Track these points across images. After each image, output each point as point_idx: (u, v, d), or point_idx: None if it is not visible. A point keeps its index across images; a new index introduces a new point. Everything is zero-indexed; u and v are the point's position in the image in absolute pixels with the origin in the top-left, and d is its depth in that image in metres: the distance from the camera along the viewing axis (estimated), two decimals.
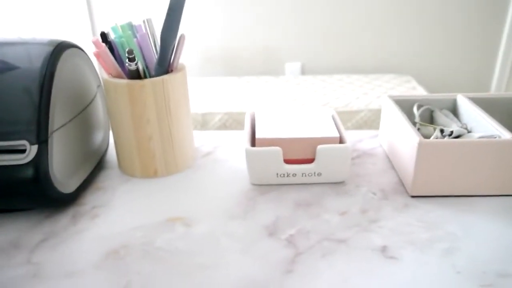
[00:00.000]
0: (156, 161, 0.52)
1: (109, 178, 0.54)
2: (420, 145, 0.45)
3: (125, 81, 0.49)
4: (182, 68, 0.53)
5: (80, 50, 0.53)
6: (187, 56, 2.23)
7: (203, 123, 1.69)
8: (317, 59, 2.20)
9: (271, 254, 0.39)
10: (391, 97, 0.58)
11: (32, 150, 0.42)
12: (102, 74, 0.52)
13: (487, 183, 0.47)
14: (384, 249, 0.40)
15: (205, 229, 0.43)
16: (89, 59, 0.55)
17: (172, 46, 0.50)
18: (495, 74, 2.16)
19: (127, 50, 0.48)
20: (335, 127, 0.52)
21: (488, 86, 2.19)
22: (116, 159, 0.57)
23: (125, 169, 0.54)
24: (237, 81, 2.06)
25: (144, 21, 0.52)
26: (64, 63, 0.48)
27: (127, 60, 0.48)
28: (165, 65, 0.51)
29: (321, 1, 2.07)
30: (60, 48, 0.48)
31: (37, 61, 0.46)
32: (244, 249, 0.40)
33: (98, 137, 0.56)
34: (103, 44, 0.49)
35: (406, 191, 0.49)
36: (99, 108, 0.57)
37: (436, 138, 0.50)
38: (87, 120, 0.53)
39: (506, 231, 0.42)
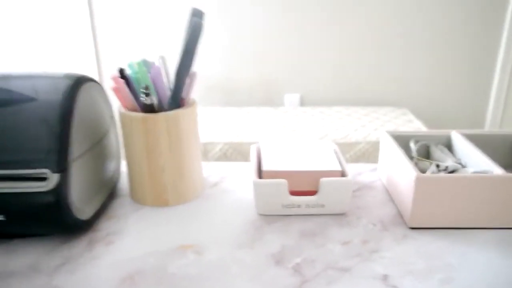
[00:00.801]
0: (167, 191, 0.55)
1: (122, 207, 0.56)
2: (417, 179, 0.48)
3: (140, 114, 0.52)
4: (193, 103, 0.57)
5: (96, 84, 0.56)
6: None
7: (204, 152, 1.72)
8: (316, 91, 2.26)
9: (279, 282, 0.41)
10: (389, 132, 0.62)
11: (53, 178, 0.45)
12: (116, 106, 0.56)
13: (481, 216, 0.49)
14: (385, 278, 0.42)
15: (215, 257, 0.45)
16: (104, 92, 0.59)
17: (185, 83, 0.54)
18: (489, 109, 2.22)
19: (143, 86, 0.51)
20: (337, 161, 0.55)
21: (482, 120, 2.25)
22: (128, 188, 0.60)
23: (137, 198, 0.57)
24: (237, 112, 2.10)
25: (158, 58, 0.56)
26: (83, 95, 0.51)
27: (143, 95, 0.52)
28: (178, 100, 0.54)
29: (320, 34, 2.14)
30: (78, 82, 0.51)
31: (57, 94, 0.49)
32: (252, 276, 0.42)
33: (111, 166, 0.58)
34: (122, 80, 0.53)
35: (405, 223, 0.51)
36: (112, 139, 0.60)
37: (432, 173, 0.53)
38: (102, 150, 0.56)
39: (499, 262, 0.44)
